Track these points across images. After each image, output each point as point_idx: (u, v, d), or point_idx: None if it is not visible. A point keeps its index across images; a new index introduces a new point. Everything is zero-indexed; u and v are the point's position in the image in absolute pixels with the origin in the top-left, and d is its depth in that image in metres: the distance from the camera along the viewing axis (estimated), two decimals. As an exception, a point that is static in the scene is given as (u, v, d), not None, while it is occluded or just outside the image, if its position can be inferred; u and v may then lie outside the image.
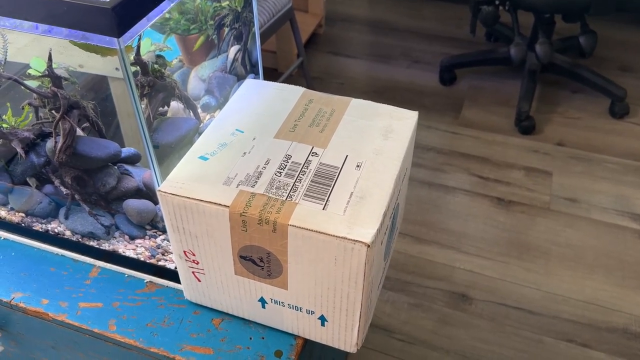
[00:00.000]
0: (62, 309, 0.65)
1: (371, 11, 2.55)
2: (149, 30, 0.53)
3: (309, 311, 0.58)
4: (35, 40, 0.53)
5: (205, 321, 0.64)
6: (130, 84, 0.51)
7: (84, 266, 0.70)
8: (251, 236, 0.53)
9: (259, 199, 0.53)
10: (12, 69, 0.59)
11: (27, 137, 0.63)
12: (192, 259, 0.59)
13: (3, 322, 0.71)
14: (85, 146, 0.61)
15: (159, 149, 0.59)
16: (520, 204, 1.61)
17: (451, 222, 1.56)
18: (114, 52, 0.48)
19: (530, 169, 1.73)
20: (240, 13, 0.70)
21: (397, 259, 1.45)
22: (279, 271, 0.55)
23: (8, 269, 0.70)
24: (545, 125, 1.89)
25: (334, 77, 2.15)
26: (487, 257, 1.47)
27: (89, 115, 0.59)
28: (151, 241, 0.68)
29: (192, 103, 0.67)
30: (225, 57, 0.71)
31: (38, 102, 0.60)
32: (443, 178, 1.70)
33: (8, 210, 0.73)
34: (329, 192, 0.54)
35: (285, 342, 0.61)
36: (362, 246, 0.49)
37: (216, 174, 0.56)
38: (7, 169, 0.68)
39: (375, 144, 0.60)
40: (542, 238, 1.51)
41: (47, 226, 0.71)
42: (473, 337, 1.30)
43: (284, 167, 0.56)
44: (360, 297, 0.53)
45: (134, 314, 0.64)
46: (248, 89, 0.69)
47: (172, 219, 0.56)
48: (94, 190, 0.64)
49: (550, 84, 2.05)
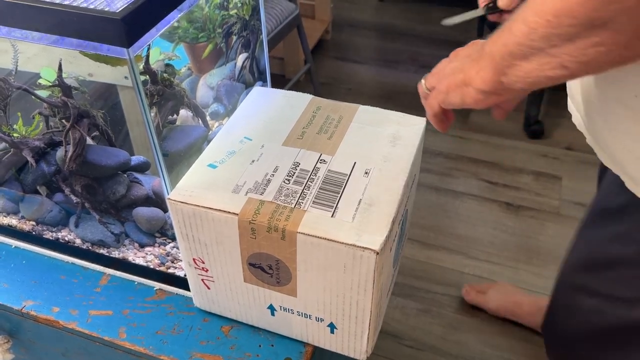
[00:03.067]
0: (72, 316, 0.65)
1: (378, 16, 2.55)
2: (157, 39, 0.54)
3: (318, 318, 0.57)
4: (45, 49, 0.54)
5: (214, 329, 0.64)
6: (140, 93, 0.51)
7: (94, 274, 0.70)
8: (260, 243, 0.53)
9: (267, 207, 0.53)
10: (23, 79, 0.60)
11: (37, 146, 0.63)
12: (202, 267, 0.59)
13: (14, 329, 0.72)
14: (95, 155, 0.62)
15: (168, 157, 0.59)
16: (529, 208, 1.60)
17: (460, 227, 1.55)
18: (124, 61, 0.49)
19: (540, 173, 1.72)
20: (248, 21, 0.71)
21: (405, 265, 1.45)
22: (288, 278, 0.55)
23: (19, 277, 0.70)
24: (554, 129, 1.88)
25: (341, 82, 2.15)
26: (497, 262, 1.46)
27: (98, 124, 0.60)
28: (161, 249, 0.68)
29: (201, 111, 0.68)
30: (233, 64, 0.72)
31: (48, 111, 0.60)
32: (451, 183, 1.69)
33: (19, 218, 0.73)
34: (337, 199, 0.54)
35: (295, 349, 0.61)
36: (371, 253, 0.49)
37: (225, 182, 0.56)
38: (18, 177, 0.68)
39: (383, 151, 0.60)
40: (551, 243, 1.50)
41: (57, 234, 0.71)
42: (483, 342, 1.29)
43: (292, 174, 0.57)
44: (370, 304, 0.53)
45: (144, 321, 0.65)
46: (256, 96, 0.69)
47: (182, 227, 0.56)
48: (104, 198, 0.65)
49: (559, 88, 2.04)
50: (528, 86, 0.44)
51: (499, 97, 0.49)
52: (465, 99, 0.50)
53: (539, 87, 0.45)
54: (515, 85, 0.45)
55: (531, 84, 0.44)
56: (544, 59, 0.41)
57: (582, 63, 0.39)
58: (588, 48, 0.38)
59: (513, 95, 0.50)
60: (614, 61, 0.39)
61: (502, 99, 0.49)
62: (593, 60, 0.39)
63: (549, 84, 0.43)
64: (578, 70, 0.40)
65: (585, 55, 0.38)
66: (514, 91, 0.46)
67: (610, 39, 0.37)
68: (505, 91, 0.47)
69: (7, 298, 0.67)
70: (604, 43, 0.37)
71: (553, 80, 0.43)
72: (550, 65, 0.41)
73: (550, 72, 0.41)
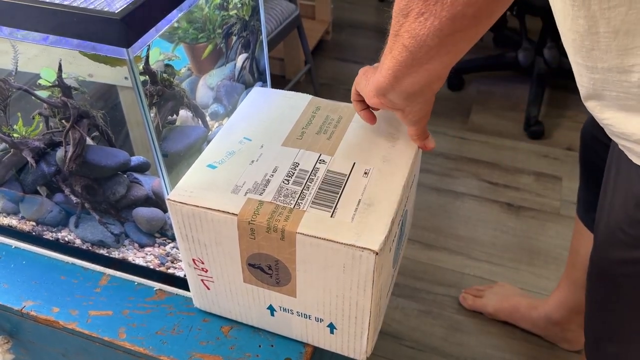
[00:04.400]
0: (72, 317, 0.65)
1: (378, 17, 2.55)
2: (157, 39, 0.54)
3: (318, 319, 0.57)
4: (45, 50, 0.54)
5: (214, 329, 0.64)
6: (140, 94, 0.51)
7: (94, 274, 0.71)
8: (259, 244, 0.53)
9: (267, 207, 0.53)
10: (23, 79, 0.60)
11: (37, 147, 0.63)
12: (201, 267, 0.59)
13: (14, 330, 0.72)
14: (95, 155, 0.62)
15: (168, 158, 0.59)
16: (530, 209, 1.60)
17: (460, 228, 1.55)
18: (123, 62, 0.49)
19: (540, 174, 1.72)
20: (247, 21, 0.71)
21: (406, 265, 1.45)
22: (288, 279, 0.55)
23: (19, 277, 0.70)
24: (555, 129, 1.88)
25: (341, 83, 2.15)
26: (497, 263, 1.46)
27: (98, 125, 0.60)
28: (160, 249, 0.68)
29: (201, 111, 0.68)
30: (233, 65, 0.72)
31: (48, 111, 0.60)
32: (452, 183, 1.69)
33: (19, 219, 0.73)
34: (336, 200, 0.54)
35: (294, 349, 0.61)
36: (371, 253, 0.49)
37: (224, 182, 0.56)
38: (18, 178, 0.68)
39: (383, 151, 0.60)
40: (552, 243, 1.50)
41: (57, 234, 0.72)
42: (484, 343, 1.29)
43: (291, 174, 0.57)
44: (369, 305, 0.53)
45: (144, 321, 0.65)
46: (256, 96, 0.69)
47: (181, 227, 0.56)
48: (104, 198, 0.65)
49: (559, 88, 2.04)
50: (392, 79, 0.51)
51: (382, 101, 0.55)
52: (364, 90, 0.58)
53: (402, 84, 0.51)
54: (385, 81, 0.51)
55: (393, 76, 0.50)
56: (396, 44, 0.47)
57: (414, 38, 0.45)
58: (415, 19, 0.44)
59: (394, 100, 0.55)
60: (433, 32, 0.44)
61: (387, 103, 0.55)
62: (419, 32, 0.44)
63: (402, 75, 0.49)
64: (415, 48, 0.45)
65: (414, 28, 0.44)
66: (387, 90, 0.52)
67: (425, 6, 0.43)
68: (383, 90, 0.53)
69: (7, 298, 0.68)
70: (423, 11, 0.43)
71: (402, 67, 0.48)
72: (398, 50, 0.47)
73: (399, 56, 0.47)
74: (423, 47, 0.45)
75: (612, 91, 0.55)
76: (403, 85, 0.51)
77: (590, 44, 0.52)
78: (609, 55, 0.52)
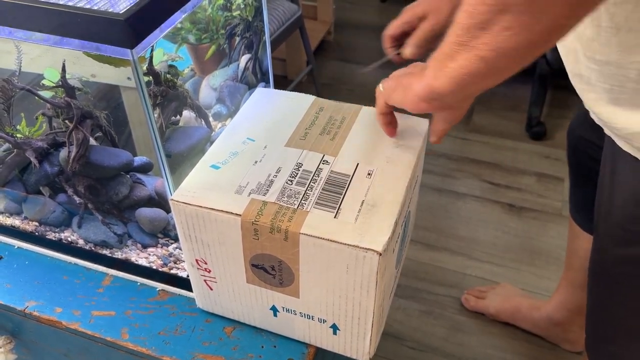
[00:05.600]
0: (75, 317, 0.65)
1: (380, 17, 2.55)
2: (161, 40, 0.54)
3: (321, 320, 0.57)
4: (48, 50, 0.54)
5: (217, 329, 0.64)
6: (143, 94, 0.51)
7: (97, 274, 0.71)
8: (263, 244, 0.53)
9: (270, 208, 0.53)
10: (26, 79, 0.60)
11: (40, 147, 0.63)
12: (204, 268, 0.59)
13: (16, 330, 0.72)
14: (98, 155, 0.62)
15: (171, 158, 0.59)
16: (531, 210, 1.60)
17: (462, 229, 1.55)
18: (127, 62, 0.49)
19: (542, 174, 1.71)
20: (251, 22, 0.71)
21: (407, 266, 1.45)
22: (291, 279, 0.55)
23: (22, 277, 0.70)
24: (557, 130, 1.88)
25: (343, 84, 2.15)
26: (499, 263, 1.46)
27: (101, 125, 0.60)
28: (163, 249, 0.68)
29: (204, 112, 0.68)
30: (236, 66, 0.72)
31: (52, 112, 0.60)
32: (454, 184, 1.69)
33: (22, 219, 0.73)
34: (340, 201, 0.54)
35: (297, 350, 0.61)
36: (374, 254, 0.49)
37: (228, 183, 0.56)
38: (21, 178, 0.68)
39: (386, 152, 0.60)
40: (554, 244, 1.50)
41: (60, 235, 0.72)
42: (485, 344, 1.29)
43: (295, 175, 0.57)
44: (372, 306, 0.53)
45: (147, 322, 0.65)
46: (259, 97, 0.69)
47: (184, 228, 0.56)
48: (107, 199, 0.65)
49: (561, 88, 2.04)
50: (455, 87, 0.47)
51: (433, 105, 0.52)
52: (404, 99, 0.54)
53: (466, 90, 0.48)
54: (444, 87, 0.48)
55: (457, 84, 0.47)
56: (466, 54, 0.44)
57: (495, 51, 0.43)
58: (499, 33, 0.41)
59: (450, 102, 0.52)
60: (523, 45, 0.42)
61: (438, 106, 0.53)
62: (504, 46, 0.42)
63: (471, 83, 0.47)
64: (494, 60, 0.43)
65: (497, 42, 0.42)
66: (445, 95, 0.49)
67: (516, 22, 0.40)
68: (439, 96, 0.50)
69: (10, 298, 0.68)
70: (511, 26, 0.41)
71: (473, 77, 0.46)
72: (470, 60, 0.44)
73: (470, 66, 0.45)
74: (507, 57, 0.43)
75: (605, 83, 0.55)
76: (469, 91, 0.49)
77: (591, 34, 0.51)
78: (608, 49, 0.51)
